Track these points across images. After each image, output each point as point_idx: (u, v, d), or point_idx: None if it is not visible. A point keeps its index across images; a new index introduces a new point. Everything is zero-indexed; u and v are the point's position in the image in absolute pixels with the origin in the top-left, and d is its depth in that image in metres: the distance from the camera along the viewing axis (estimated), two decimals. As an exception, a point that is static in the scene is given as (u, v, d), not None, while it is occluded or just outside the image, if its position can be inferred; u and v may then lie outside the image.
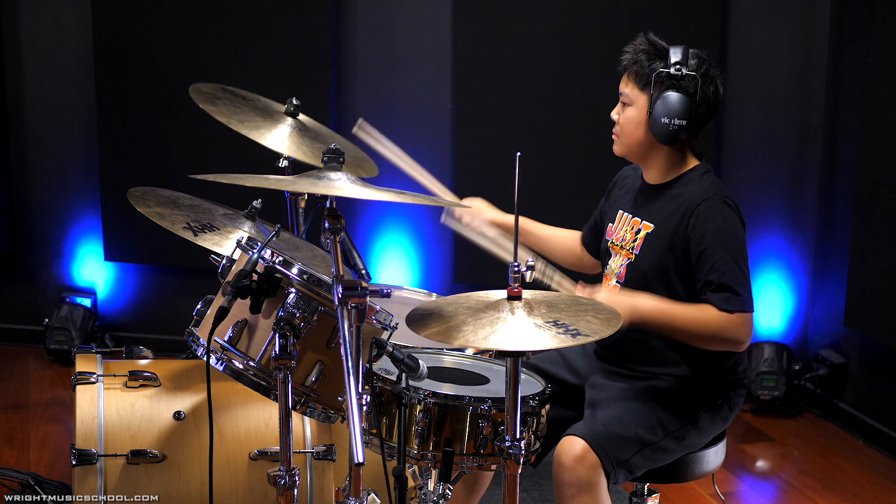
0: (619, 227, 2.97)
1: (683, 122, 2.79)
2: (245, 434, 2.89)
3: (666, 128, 2.80)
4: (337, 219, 2.33)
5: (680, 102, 2.79)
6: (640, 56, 2.84)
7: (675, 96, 2.79)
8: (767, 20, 4.83)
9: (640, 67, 2.84)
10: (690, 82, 2.80)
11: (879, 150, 4.42)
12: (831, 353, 4.85)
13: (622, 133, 2.91)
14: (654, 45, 2.85)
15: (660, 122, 2.80)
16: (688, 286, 2.82)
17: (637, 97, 2.85)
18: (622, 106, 2.90)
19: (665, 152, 2.88)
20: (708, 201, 2.80)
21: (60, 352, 5.10)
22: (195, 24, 4.97)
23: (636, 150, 2.90)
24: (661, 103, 2.80)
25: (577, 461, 2.68)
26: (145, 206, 3.02)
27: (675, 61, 2.80)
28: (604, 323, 2.41)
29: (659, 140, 2.83)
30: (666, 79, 2.80)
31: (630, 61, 2.86)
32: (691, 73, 2.80)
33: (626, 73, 2.88)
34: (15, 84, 5.22)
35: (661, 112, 2.80)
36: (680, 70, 2.79)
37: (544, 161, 4.78)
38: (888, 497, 4.12)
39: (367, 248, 5.09)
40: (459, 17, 4.86)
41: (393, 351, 2.47)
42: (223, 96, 3.36)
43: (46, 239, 5.35)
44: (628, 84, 2.88)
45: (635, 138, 2.88)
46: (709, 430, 2.88)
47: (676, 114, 2.79)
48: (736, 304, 2.72)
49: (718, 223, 2.78)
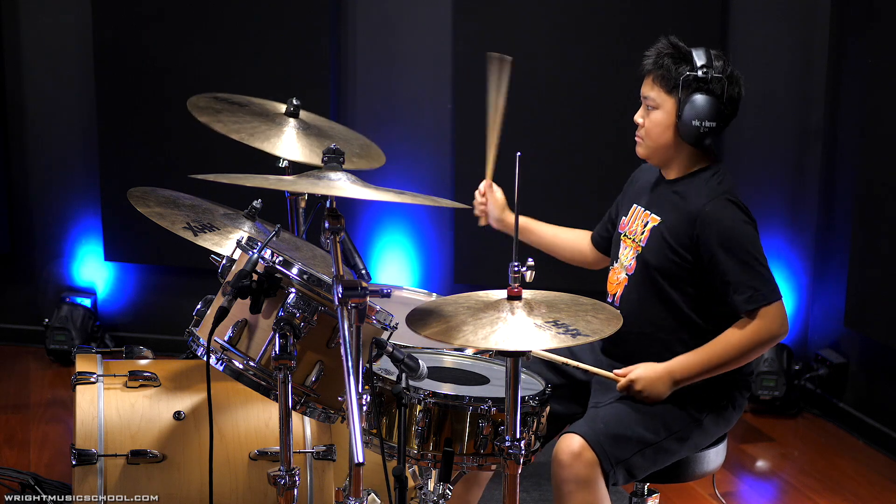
0: (632, 221, 2.99)
1: (713, 124, 2.82)
2: (245, 434, 2.89)
3: (696, 130, 2.82)
4: (337, 219, 2.33)
5: (709, 105, 2.81)
6: (666, 60, 2.85)
7: (705, 99, 2.81)
8: (767, 20, 4.83)
9: (666, 71, 2.85)
10: (717, 84, 2.82)
11: (879, 150, 4.42)
12: (831, 353, 4.86)
13: (648, 136, 2.91)
14: (677, 48, 2.86)
15: (690, 124, 2.82)
16: (697, 283, 2.83)
17: (664, 101, 2.86)
18: (646, 109, 2.91)
19: (689, 153, 2.90)
20: (713, 203, 2.82)
21: (60, 352, 5.11)
22: (195, 24, 4.97)
23: (661, 152, 2.92)
24: (690, 106, 2.81)
25: (574, 458, 2.69)
26: (145, 206, 3.02)
27: (702, 64, 2.82)
28: (604, 323, 2.41)
29: (688, 142, 2.85)
30: (693, 82, 2.82)
31: (654, 65, 2.87)
32: (718, 75, 2.82)
33: (650, 77, 2.89)
34: (15, 84, 5.23)
35: (691, 115, 2.81)
36: (707, 73, 2.81)
37: (545, 161, 4.78)
38: (888, 497, 4.12)
39: (367, 248, 5.09)
40: (459, 17, 4.86)
41: (393, 351, 2.47)
42: (221, 108, 3.37)
43: (46, 239, 5.35)
44: (654, 88, 2.88)
45: (662, 141, 2.89)
46: (712, 430, 2.88)
47: (707, 116, 2.81)
48: (759, 299, 2.75)
49: (726, 223, 2.80)
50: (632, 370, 2.80)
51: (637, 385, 2.78)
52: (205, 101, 3.37)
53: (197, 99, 3.37)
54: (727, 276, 2.76)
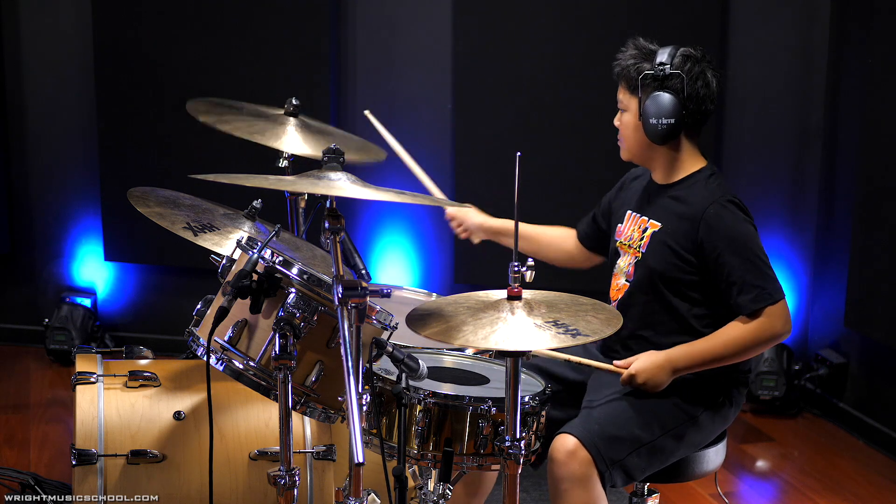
0: (627, 227, 2.99)
1: (672, 121, 2.82)
2: (245, 434, 2.89)
3: (655, 128, 2.83)
4: (337, 219, 2.33)
5: (666, 102, 2.82)
6: (628, 61, 2.89)
7: (661, 96, 2.82)
8: (767, 20, 4.83)
9: (627, 72, 2.88)
10: (676, 81, 2.82)
11: (879, 150, 4.42)
12: (831, 353, 4.85)
13: (623, 138, 2.96)
14: (640, 48, 2.89)
15: (649, 123, 2.84)
16: (699, 286, 2.83)
17: (629, 102, 2.91)
18: (620, 113, 2.95)
19: (663, 152, 2.91)
20: (715, 204, 2.82)
21: (60, 352, 5.11)
22: (195, 24, 4.97)
23: (637, 153, 2.95)
24: (649, 104, 2.84)
25: (569, 456, 2.69)
26: (145, 206, 3.01)
27: (660, 62, 2.83)
28: (604, 323, 2.41)
29: (652, 141, 2.87)
30: (651, 80, 2.84)
31: (620, 68, 2.91)
32: (675, 71, 2.82)
33: (620, 81, 2.94)
34: (15, 84, 5.22)
35: (650, 113, 2.84)
36: (663, 70, 2.81)
37: (544, 161, 4.78)
38: (888, 497, 4.12)
39: (367, 248, 5.09)
40: (459, 17, 4.86)
41: (393, 351, 2.47)
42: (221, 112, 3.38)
43: (46, 239, 5.35)
44: (622, 90, 2.93)
45: (634, 142, 2.93)
46: (709, 428, 2.88)
47: (664, 113, 2.82)
48: (765, 297, 2.75)
49: (728, 224, 2.80)
50: (632, 361, 2.80)
51: (639, 378, 2.77)
52: (205, 106, 3.38)
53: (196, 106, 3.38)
54: (732, 276, 2.76)
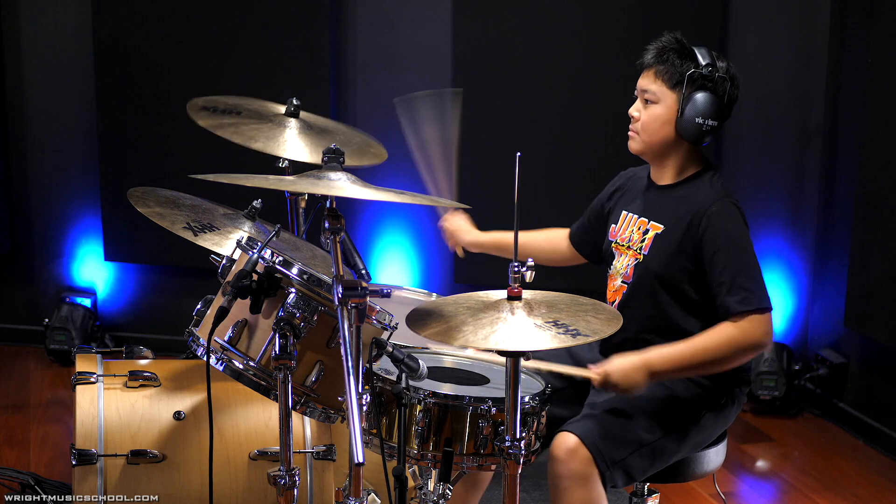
0: (624, 228, 2.97)
1: (715, 123, 2.82)
2: (245, 434, 2.89)
3: (699, 128, 2.81)
4: (337, 219, 2.33)
5: (712, 103, 2.81)
6: (671, 55, 2.84)
7: (708, 97, 2.81)
8: (767, 20, 4.83)
9: (670, 66, 2.83)
10: (721, 84, 2.82)
11: (879, 149, 4.42)
12: (831, 353, 4.86)
13: (644, 130, 2.89)
14: (682, 44, 2.85)
15: (692, 121, 2.80)
16: (699, 288, 2.82)
17: (665, 95, 2.84)
18: (644, 103, 2.88)
19: (684, 152, 2.88)
20: (719, 203, 2.81)
21: (60, 352, 5.11)
22: (195, 24, 4.97)
23: (657, 147, 2.89)
24: (693, 103, 2.80)
25: (569, 454, 2.69)
26: (145, 206, 3.01)
27: (707, 62, 2.81)
28: (604, 323, 2.41)
29: (687, 139, 2.83)
30: (699, 79, 2.81)
31: (657, 59, 2.85)
32: (722, 75, 2.82)
33: (652, 71, 2.86)
34: (15, 84, 5.23)
35: (693, 112, 2.80)
36: (713, 72, 2.81)
37: (544, 161, 4.78)
38: (888, 497, 4.12)
39: (367, 248, 5.09)
40: (459, 17, 4.86)
41: (393, 351, 2.47)
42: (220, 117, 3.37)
43: (46, 239, 5.35)
44: (655, 82, 2.85)
45: (659, 136, 2.87)
46: (712, 428, 2.87)
47: (709, 114, 2.80)
48: (752, 302, 2.71)
49: (730, 225, 2.79)
50: (605, 364, 2.74)
51: (612, 377, 2.71)
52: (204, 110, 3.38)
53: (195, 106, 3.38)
54: (724, 275, 2.74)
